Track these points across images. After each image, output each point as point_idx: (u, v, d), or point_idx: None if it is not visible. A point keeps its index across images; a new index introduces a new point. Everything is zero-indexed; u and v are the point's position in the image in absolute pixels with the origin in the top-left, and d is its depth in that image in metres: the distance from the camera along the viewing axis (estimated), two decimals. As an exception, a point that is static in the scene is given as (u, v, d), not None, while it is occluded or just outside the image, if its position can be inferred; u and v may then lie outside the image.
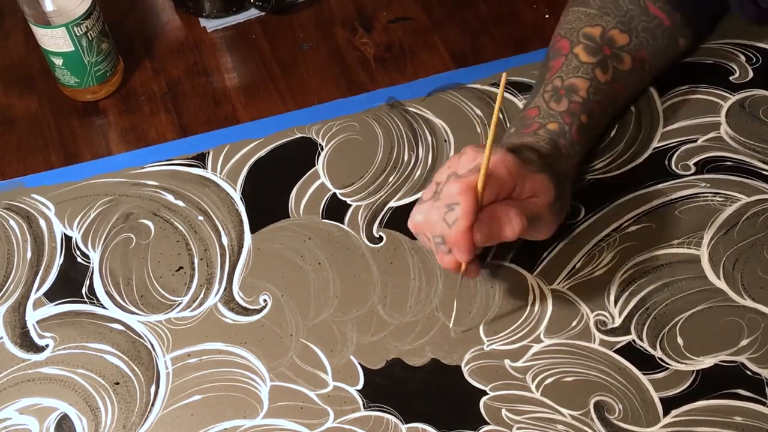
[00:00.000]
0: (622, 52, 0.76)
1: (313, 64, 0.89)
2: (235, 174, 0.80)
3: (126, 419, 0.67)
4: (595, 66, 0.74)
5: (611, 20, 0.76)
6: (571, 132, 0.71)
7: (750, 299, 0.70)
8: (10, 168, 0.83)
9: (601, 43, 0.75)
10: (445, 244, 0.62)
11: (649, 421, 0.65)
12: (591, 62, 0.74)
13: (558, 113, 0.72)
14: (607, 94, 0.75)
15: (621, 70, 0.76)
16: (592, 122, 0.74)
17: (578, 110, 0.72)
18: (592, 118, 0.73)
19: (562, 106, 0.72)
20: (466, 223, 0.60)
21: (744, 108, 0.81)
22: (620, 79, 0.76)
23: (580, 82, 0.73)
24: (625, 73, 0.76)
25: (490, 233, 0.61)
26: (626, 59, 0.76)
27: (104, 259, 0.75)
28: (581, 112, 0.72)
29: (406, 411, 0.66)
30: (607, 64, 0.75)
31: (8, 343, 0.71)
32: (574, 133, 0.71)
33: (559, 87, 0.73)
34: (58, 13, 0.79)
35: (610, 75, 0.75)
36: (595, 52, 0.75)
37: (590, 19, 0.76)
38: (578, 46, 0.75)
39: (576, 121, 0.72)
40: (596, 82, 0.74)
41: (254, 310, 0.72)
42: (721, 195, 0.76)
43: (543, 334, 0.69)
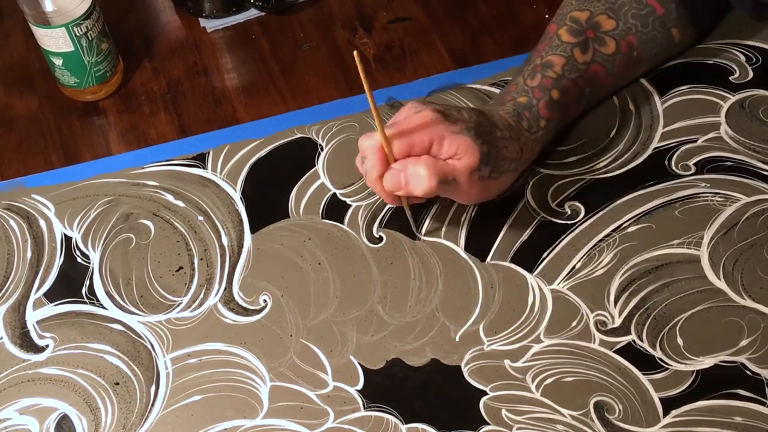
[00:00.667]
0: (606, 36, 0.77)
1: (313, 64, 0.89)
2: (235, 174, 0.80)
3: (126, 419, 0.67)
4: (575, 46, 0.75)
5: (600, 6, 0.77)
6: (538, 106, 0.73)
7: (750, 299, 0.70)
8: (10, 168, 0.83)
9: (585, 26, 0.76)
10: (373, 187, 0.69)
11: (649, 422, 0.65)
12: (571, 42, 0.76)
13: (530, 88, 0.73)
14: (585, 74, 0.76)
15: (603, 52, 0.76)
16: (565, 99, 0.74)
17: (550, 85, 0.73)
18: (566, 95, 0.74)
19: (535, 81, 0.74)
20: (375, 174, 0.66)
21: (744, 108, 0.81)
22: (601, 61, 0.76)
23: (556, 59, 0.75)
24: (607, 56, 0.77)
25: (398, 185, 0.66)
26: (609, 43, 0.77)
27: (104, 259, 0.75)
28: (553, 88, 0.73)
29: (406, 411, 0.66)
30: (588, 45, 0.76)
31: (8, 344, 0.71)
32: (541, 107, 0.73)
33: (538, 64, 0.75)
34: (58, 14, 0.79)
35: (590, 56, 0.76)
36: (578, 33, 0.76)
37: (580, 4, 0.78)
38: (562, 28, 0.77)
39: (546, 96, 0.73)
40: (573, 61, 0.75)
41: (254, 310, 0.72)
42: (721, 195, 0.76)
43: (543, 334, 0.69)
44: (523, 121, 0.72)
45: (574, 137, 0.80)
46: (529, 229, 0.75)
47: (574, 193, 0.77)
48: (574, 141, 0.80)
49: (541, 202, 0.76)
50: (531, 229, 0.75)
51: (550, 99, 0.73)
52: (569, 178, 0.78)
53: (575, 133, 0.80)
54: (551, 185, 0.77)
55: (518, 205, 0.76)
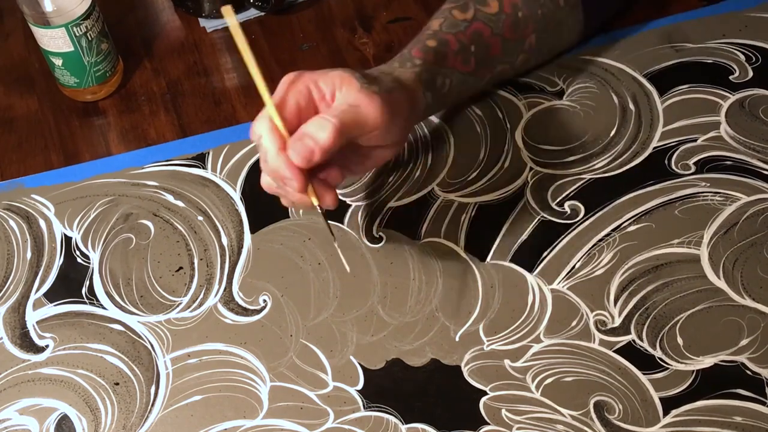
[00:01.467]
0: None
1: (313, 64, 0.89)
2: (235, 174, 0.80)
3: (126, 419, 0.67)
4: (454, 8, 0.75)
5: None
6: (410, 52, 0.71)
7: (750, 299, 0.70)
8: (9, 168, 0.83)
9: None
10: (282, 184, 0.62)
11: (649, 421, 0.65)
12: (450, 6, 0.75)
13: (408, 50, 0.72)
14: (467, 31, 0.74)
15: (485, 11, 0.75)
16: (444, 48, 0.72)
17: (424, 38, 0.73)
18: (445, 45, 0.72)
19: (412, 44, 0.73)
20: (275, 148, 0.60)
21: (744, 107, 0.81)
22: (484, 20, 0.75)
23: (434, 21, 0.74)
24: (490, 16, 0.75)
25: (309, 150, 0.59)
26: (492, 3, 0.76)
27: (104, 259, 0.75)
28: (427, 39, 0.72)
29: (406, 411, 0.66)
30: (468, 5, 0.75)
31: (8, 344, 0.71)
32: (413, 51, 0.71)
33: (419, 37, 0.74)
34: (58, 14, 0.79)
35: (471, 14, 0.74)
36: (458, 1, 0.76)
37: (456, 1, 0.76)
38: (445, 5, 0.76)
39: (419, 44, 0.72)
40: (452, 19, 0.74)
41: (254, 310, 0.72)
42: (721, 194, 0.75)
43: (543, 334, 0.69)
44: (394, 63, 0.70)
45: (574, 137, 0.80)
46: (529, 229, 0.75)
47: (573, 193, 0.77)
48: (574, 141, 0.80)
49: (541, 202, 0.76)
50: (531, 229, 0.75)
51: (425, 45, 0.71)
52: (569, 178, 0.78)
53: (575, 132, 0.80)
54: (551, 185, 0.77)
55: (518, 204, 0.76)
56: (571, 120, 0.81)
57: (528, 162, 0.79)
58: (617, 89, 0.83)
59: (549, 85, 0.84)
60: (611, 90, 0.83)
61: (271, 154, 0.60)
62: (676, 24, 0.88)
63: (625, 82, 0.84)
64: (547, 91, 0.84)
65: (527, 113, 0.82)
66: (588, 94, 0.83)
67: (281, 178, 0.61)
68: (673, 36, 0.87)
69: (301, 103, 0.62)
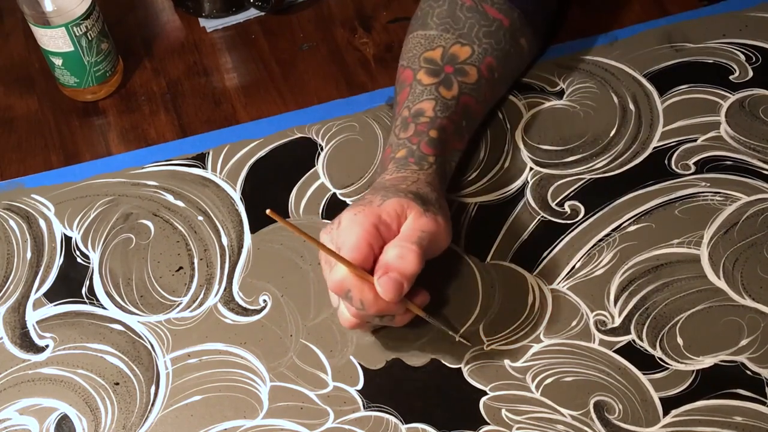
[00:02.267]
0: (466, 65, 0.75)
1: (313, 64, 0.89)
2: (235, 174, 0.80)
3: (126, 419, 0.67)
4: (438, 85, 0.73)
5: (450, 37, 0.75)
6: (419, 149, 0.70)
7: (750, 299, 0.70)
8: (9, 168, 0.83)
9: (442, 64, 0.75)
10: (382, 316, 0.64)
11: (649, 421, 0.65)
12: (434, 83, 0.74)
13: (406, 139, 0.71)
14: (457, 109, 0.74)
15: (467, 83, 0.75)
16: (443, 136, 0.72)
17: (425, 129, 0.71)
18: (443, 132, 0.72)
19: (410, 131, 0.71)
20: (370, 296, 0.61)
21: (744, 107, 0.81)
22: (468, 92, 0.75)
23: (425, 104, 0.73)
24: (472, 85, 0.75)
25: (398, 282, 0.60)
26: (471, 71, 0.75)
27: (104, 259, 0.75)
28: (429, 129, 0.71)
29: (406, 411, 0.66)
30: (451, 80, 0.74)
31: (8, 344, 0.71)
32: (423, 148, 0.70)
33: (407, 116, 0.73)
34: (58, 13, 0.79)
35: (456, 90, 0.74)
36: (437, 73, 0.74)
37: (429, 43, 0.76)
38: (420, 72, 0.75)
39: (424, 137, 0.71)
40: (442, 100, 0.73)
41: (254, 310, 0.72)
42: (721, 194, 0.75)
43: (543, 334, 0.69)
44: (411, 166, 0.70)
45: (574, 137, 0.80)
46: (529, 229, 0.75)
47: (573, 193, 0.77)
48: (574, 141, 0.80)
49: (541, 202, 0.76)
50: (531, 229, 0.75)
51: (429, 138, 0.71)
52: (569, 178, 0.78)
53: (575, 132, 0.80)
54: (551, 185, 0.77)
55: (518, 204, 0.76)
56: (571, 120, 0.81)
57: (528, 162, 0.79)
58: (617, 89, 0.83)
59: (549, 85, 0.84)
60: (611, 90, 0.83)
61: (368, 302, 0.61)
62: (676, 24, 0.88)
63: (625, 82, 0.84)
64: (547, 91, 0.84)
65: (527, 113, 0.82)
66: (588, 94, 0.83)
67: (388, 315, 0.63)
68: (673, 36, 0.87)
69: (372, 245, 0.62)
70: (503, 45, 0.77)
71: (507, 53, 0.78)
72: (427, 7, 0.78)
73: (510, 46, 0.78)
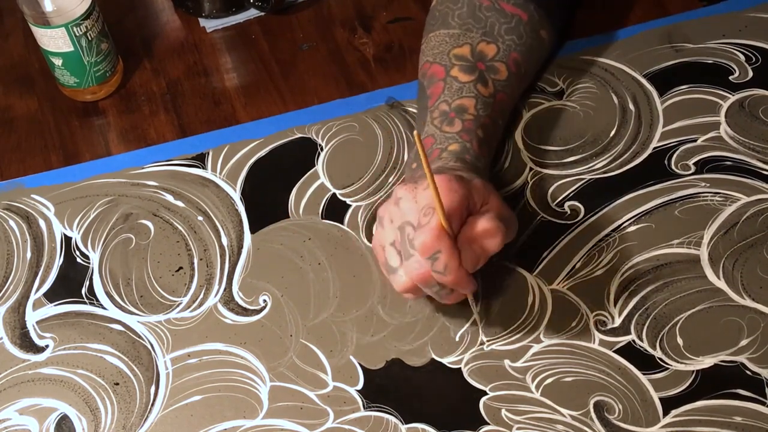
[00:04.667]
0: (495, 62, 0.76)
1: (313, 64, 0.89)
2: (235, 174, 0.80)
3: (126, 419, 0.67)
4: (476, 82, 0.74)
5: (475, 35, 0.76)
6: (473, 147, 0.71)
7: (750, 299, 0.70)
8: (9, 168, 0.83)
9: (473, 60, 0.75)
10: (446, 288, 0.64)
11: (649, 421, 0.65)
12: (471, 80, 0.74)
13: (455, 134, 0.71)
14: (494, 107, 0.75)
15: (499, 80, 0.76)
16: (487, 136, 0.73)
17: (473, 127, 0.72)
18: (487, 131, 0.73)
19: (457, 126, 0.72)
20: (456, 263, 0.61)
21: (744, 108, 0.81)
22: (501, 89, 0.76)
23: (466, 101, 0.73)
24: (503, 82, 0.76)
25: (477, 257, 0.62)
26: (501, 68, 0.76)
27: (104, 259, 0.75)
28: (476, 128, 0.72)
29: (405, 411, 0.66)
30: (486, 78, 0.75)
31: (8, 344, 0.71)
32: (475, 147, 0.71)
33: (448, 110, 0.73)
34: (58, 14, 0.79)
35: (492, 87, 0.75)
36: (472, 70, 0.75)
37: (455, 40, 0.76)
38: (454, 68, 0.75)
39: (474, 137, 0.71)
40: (482, 98, 0.74)
41: (254, 310, 0.72)
42: (720, 195, 0.75)
43: (543, 334, 0.69)
44: (468, 163, 0.70)
45: (574, 137, 0.80)
46: (529, 229, 0.75)
47: (573, 193, 0.77)
48: (574, 141, 0.80)
49: (541, 202, 0.76)
50: (531, 229, 0.75)
51: (479, 138, 0.72)
52: (569, 178, 0.78)
53: (575, 133, 0.80)
54: (551, 185, 0.77)
55: (518, 204, 0.76)
56: (571, 120, 0.81)
57: (528, 162, 0.79)
58: (617, 89, 0.83)
59: (549, 86, 0.84)
60: (611, 90, 0.83)
61: (452, 269, 0.61)
62: (676, 24, 0.88)
63: (625, 82, 0.84)
64: (547, 91, 0.84)
65: (527, 113, 0.82)
66: (588, 94, 0.83)
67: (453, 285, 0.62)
68: (673, 36, 0.87)
69: (463, 215, 0.62)
70: (525, 39, 0.78)
71: (530, 47, 0.78)
72: (446, 9, 0.78)
73: (532, 40, 0.78)
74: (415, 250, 0.62)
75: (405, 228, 0.63)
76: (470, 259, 0.62)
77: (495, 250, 0.63)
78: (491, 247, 0.62)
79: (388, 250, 0.65)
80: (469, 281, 0.62)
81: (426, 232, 0.60)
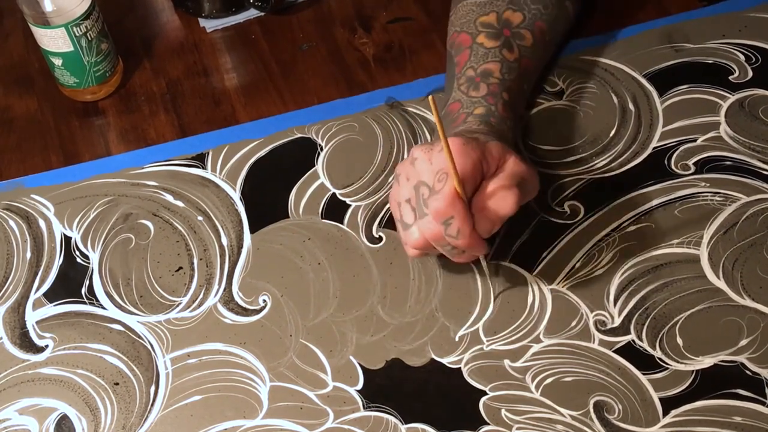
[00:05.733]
0: (521, 29, 0.77)
1: (313, 64, 0.89)
2: (235, 174, 0.80)
3: (126, 420, 0.67)
4: (501, 48, 0.75)
5: (502, 3, 0.78)
6: (498, 109, 0.72)
7: (749, 299, 0.70)
8: (9, 168, 0.83)
9: (499, 27, 0.77)
10: (457, 249, 0.64)
11: (649, 421, 0.65)
12: (496, 46, 0.76)
13: (480, 98, 0.73)
14: (519, 71, 0.76)
15: (525, 46, 0.77)
16: (513, 99, 0.74)
17: (498, 90, 0.73)
18: (512, 94, 0.74)
19: (482, 90, 0.73)
20: (468, 228, 0.61)
21: (743, 107, 0.81)
22: (527, 55, 0.77)
23: (492, 65, 0.74)
24: (529, 48, 0.77)
25: (492, 222, 0.63)
26: (527, 35, 0.77)
27: (104, 259, 0.75)
28: (502, 91, 0.73)
29: (405, 411, 0.66)
30: (511, 43, 0.76)
31: (8, 344, 0.71)
32: (500, 110, 0.72)
33: (473, 76, 0.74)
34: (58, 14, 0.79)
35: (517, 52, 0.76)
36: (497, 36, 0.76)
37: (482, 9, 0.78)
38: (480, 35, 0.76)
39: (499, 99, 0.73)
40: (507, 62, 0.75)
41: (254, 310, 0.72)
42: (720, 195, 0.75)
43: (542, 334, 0.69)
44: (494, 126, 0.71)
45: (574, 137, 0.80)
46: (529, 229, 0.75)
47: (573, 193, 0.77)
48: (573, 140, 0.80)
49: (541, 202, 0.76)
50: (531, 229, 0.75)
51: (504, 101, 0.73)
52: (569, 178, 0.78)
53: (575, 132, 0.81)
54: (551, 185, 0.77)
55: (518, 204, 0.76)
56: (571, 120, 0.81)
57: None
58: (617, 89, 0.83)
59: (549, 85, 0.84)
60: (611, 90, 0.83)
61: (465, 233, 0.62)
62: (676, 24, 0.88)
63: (625, 82, 0.84)
64: (547, 91, 0.84)
65: (527, 113, 0.82)
66: (588, 94, 0.83)
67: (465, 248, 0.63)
68: (673, 36, 0.87)
69: (477, 177, 0.63)
70: (551, 9, 0.79)
71: (555, 17, 0.80)
72: None
73: (558, 10, 0.80)
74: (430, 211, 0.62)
75: (420, 187, 0.64)
76: (484, 224, 0.62)
77: (509, 214, 0.63)
78: (504, 211, 0.63)
79: (404, 206, 0.66)
80: (481, 245, 0.63)
81: (440, 198, 0.61)
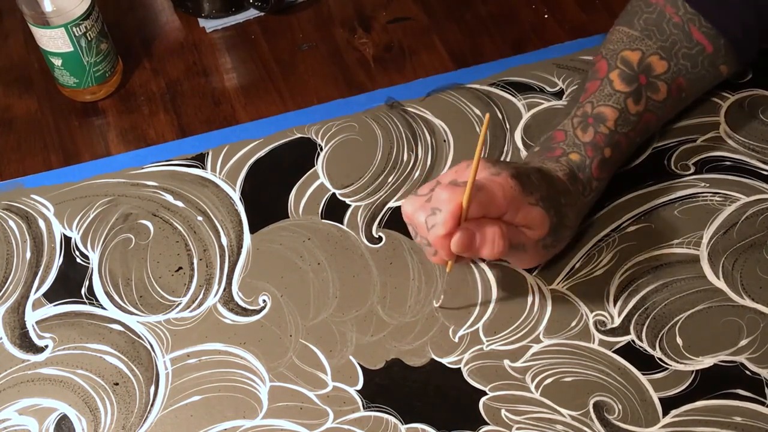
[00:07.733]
0: (659, 81, 0.73)
1: (313, 64, 0.89)
2: (235, 174, 0.80)
3: (125, 420, 0.67)
4: (628, 96, 0.72)
5: (652, 45, 0.74)
6: (591, 167, 0.70)
7: (749, 299, 0.70)
8: (9, 168, 0.83)
9: (637, 71, 0.73)
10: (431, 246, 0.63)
11: (649, 422, 0.65)
12: (624, 91, 0.72)
13: (582, 144, 0.71)
14: (637, 125, 0.73)
15: (655, 99, 0.74)
16: (616, 155, 0.72)
17: (602, 143, 0.71)
18: (617, 150, 0.72)
19: (588, 136, 0.71)
20: (442, 231, 0.61)
21: (743, 108, 0.81)
22: (653, 110, 0.74)
23: (609, 111, 0.72)
24: (659, 103, 0.74)
25: (467, 246, 0.62)
26: (662, 88, 0.74)
27: (103, 259, 0.75)
28: (605, 146, 0.71)
29: (405, 411, 0.66)
30: (641, 93, 0.73)
31: (7, 344, 0.71)
32: (594, 168, 0.70)
33: (589, 114, 0.72)
34: (57, 14, 0.79)
35: (643, 105, 0.73)
36: (630, 80, 0.73)
37: (631, 42, 0.74)
38: (614, 72, 0.73)
39: (598, 155, 0.71)
40: (626, 113, 0.72)
41: (254, 310, 0.72)
42: (720, 195, 0.76)
43: (542, 334, 0.69)
44: (578, 184, 0.70)
45: (574, 137, 0.80)
46: (529, 229, 0.75)
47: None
48: (573, 141, 0.80)
49: (541, 202, 0.76)
50: (530, 229, 0.75)
51: (603, 158, 0.71)
52: (569, 178, 0.77)
53: (574, 132, 0.80)
54: (551, 185, 0.77)
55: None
56: (570, 120, 0.81)
57: (527, 162, 0.79)
58: (617, 89, 0.83)
59: (549, 86, 0.84)
60: (611, 90, 0.83)
61: (436, 232, 0.62)
62: (675, 24, 0.88)
63: (625, 82, 0.84)
64: (547, 91, 0.84)
65: (527, 113, 0.82)
66: (587, 94, 0.83)
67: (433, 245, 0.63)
68: (673, 36, 0.87)
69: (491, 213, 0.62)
70: (698, 69, 0.75)
71: (701, 77, 0.76)
72: (637, 8, 0.76)
73: (706, 72, 0.76)
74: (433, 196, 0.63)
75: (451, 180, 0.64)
76: (461, 241, 0.61)
77: (486, 257, 0.62)
78: (483, 251, 0.62)
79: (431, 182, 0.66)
80: (445, 252, 0.62)
81: (448, 189, 0.61)
